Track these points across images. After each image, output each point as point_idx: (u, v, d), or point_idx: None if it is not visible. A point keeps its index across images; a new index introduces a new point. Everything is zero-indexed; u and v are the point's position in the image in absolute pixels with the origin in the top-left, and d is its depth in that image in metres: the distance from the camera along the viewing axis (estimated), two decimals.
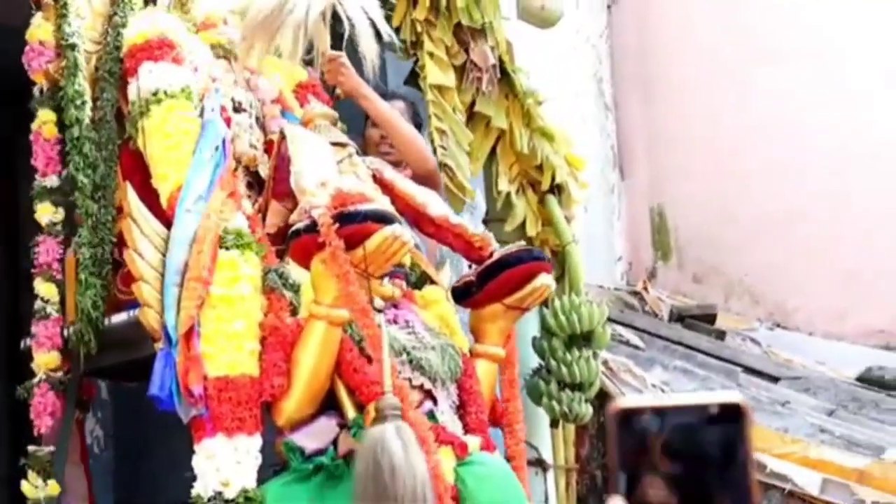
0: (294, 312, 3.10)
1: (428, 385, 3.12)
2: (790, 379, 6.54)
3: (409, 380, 3.10)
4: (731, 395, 1.11)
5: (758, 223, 7.84)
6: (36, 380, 3.35)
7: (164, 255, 3.05)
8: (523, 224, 4.46)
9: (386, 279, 3.22)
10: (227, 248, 3.03)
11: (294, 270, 3.21)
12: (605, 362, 4.94)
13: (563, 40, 7.14)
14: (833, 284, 7.58)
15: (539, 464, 4.22)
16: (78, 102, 3.39)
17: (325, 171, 3.22)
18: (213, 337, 2.92)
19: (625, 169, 8.51)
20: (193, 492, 2.87)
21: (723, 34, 8.08)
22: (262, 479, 2.95)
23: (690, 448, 1.09)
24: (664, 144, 8.38)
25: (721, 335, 7.27)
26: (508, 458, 3.25)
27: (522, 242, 3.64)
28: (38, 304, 3.41)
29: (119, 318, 3.24)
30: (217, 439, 2.86)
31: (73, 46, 3.44)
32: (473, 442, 3.01)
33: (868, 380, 6.79)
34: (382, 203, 3.13)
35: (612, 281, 7.98)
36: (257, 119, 3.74)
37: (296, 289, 3.14)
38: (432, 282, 3.68)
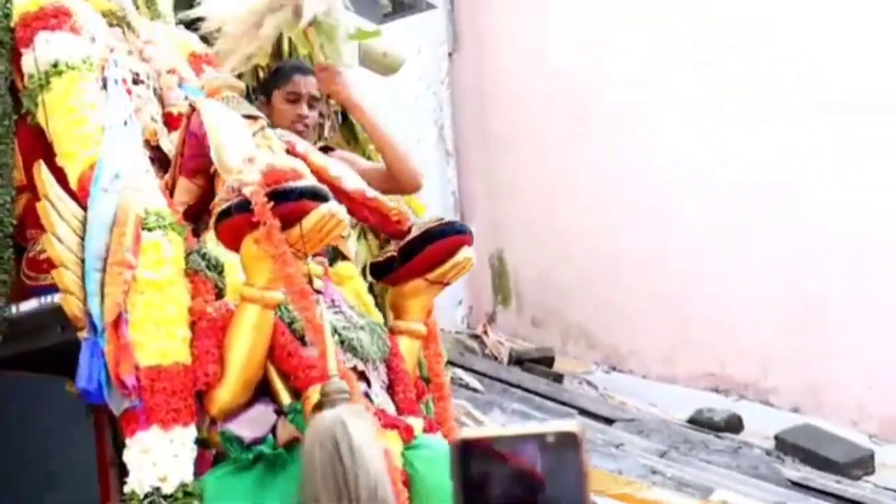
0: (219, 295, 2.96)
1: (361, 366, 3.01)
2: (624, 421, 6.72)
3: (342, 362, 2.99)
4: (566, 425, 1.15)
5: (594, 269, 7.96)
6: None
7: (82, 239, 2.86)
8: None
9: (309, 258, 3.10)
10: (149, 230, 2.86)
11: (211, 251, 3.06)
12: None
13: (405, 87, 7.19)
14: (665, 329, 7.77)
15: None
16: None
17: (247, 145, 3.07)
18: (142, 324, 2.75)
19: (465, 214, 8.55)
20: (126, 488, 2.71)
21: (557, 81, 8.11)
22: None
23: (529, 476, 1.13)
24: (503, 191, 8.46)
25: (559, 378, 7.43)
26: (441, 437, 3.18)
27: (442, 216, 3.56)
28: None
29: (28, 305, 3.03)
30: (152, 432, 2.70)
31: None
32: (418, 425, 2.94)
33: (698, 421, 7.03)
34: (314, 179, 3.01)
35: (453, 324, 8.06)
36: (154, 91, 3.56)
37: (219, 270, 3.00)
38: (343, 258, 3.58)
